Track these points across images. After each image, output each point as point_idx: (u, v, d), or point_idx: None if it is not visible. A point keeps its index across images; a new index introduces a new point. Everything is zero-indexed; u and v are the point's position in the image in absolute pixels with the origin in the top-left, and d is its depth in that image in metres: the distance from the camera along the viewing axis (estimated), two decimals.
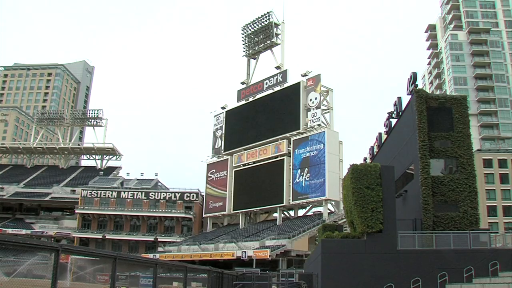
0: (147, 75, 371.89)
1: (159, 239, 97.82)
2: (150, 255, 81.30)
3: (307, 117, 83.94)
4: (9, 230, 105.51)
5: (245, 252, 71.97)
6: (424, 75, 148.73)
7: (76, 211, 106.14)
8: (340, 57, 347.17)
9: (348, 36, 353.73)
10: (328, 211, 79.04)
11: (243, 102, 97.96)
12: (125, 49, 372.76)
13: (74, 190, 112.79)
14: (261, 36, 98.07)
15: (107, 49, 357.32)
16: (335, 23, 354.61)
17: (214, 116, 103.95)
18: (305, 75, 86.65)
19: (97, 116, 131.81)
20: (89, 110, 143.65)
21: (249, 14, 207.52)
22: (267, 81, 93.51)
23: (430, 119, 36.54)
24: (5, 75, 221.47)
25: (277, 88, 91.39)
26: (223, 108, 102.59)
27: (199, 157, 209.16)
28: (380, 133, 49.44)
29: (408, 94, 39.05)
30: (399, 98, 42.06)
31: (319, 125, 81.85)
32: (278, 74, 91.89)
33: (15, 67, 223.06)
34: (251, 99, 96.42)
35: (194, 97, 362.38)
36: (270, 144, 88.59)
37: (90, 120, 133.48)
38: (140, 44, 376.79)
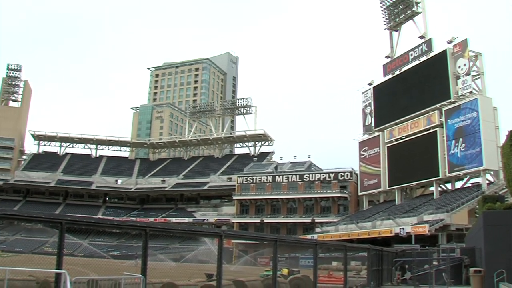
0: (289, 59, 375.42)
1: (316, 220, 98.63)
2: (308, 236, 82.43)
3: (457, 85, 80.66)
4: (173, 220, 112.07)
5: (403, 228, 70.88)
6: None
7: (234, 198, 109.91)
8: (485, 18, 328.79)
9: None
10: (487, 182, 75.59)
11: (390, 76, 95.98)
12: (265, 35, 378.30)
13: (230, 178, 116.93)
14: (400, 7, 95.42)
15: (248, 38, 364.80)
16: None
17: (362, 93, 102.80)
18: (450, 41, 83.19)
19: (246, 104, 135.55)
20: (238, 99, 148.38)
21: None
22: (412, 52, 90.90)
23: None
24: (157, 75, 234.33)
25: (423, 59, 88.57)
26: (370, 84, 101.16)
27: (350, 135, 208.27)
28: None
29: None
30: None
31: (470, 92, 78.30)
32: (423, 44, 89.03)
33: (164, 67, 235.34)
34: (397, 72, 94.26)
35: (339, 75, 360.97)
36: (421, 117, 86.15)
37: (239, 109, 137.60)
38: (279, 29, 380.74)
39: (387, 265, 33.00)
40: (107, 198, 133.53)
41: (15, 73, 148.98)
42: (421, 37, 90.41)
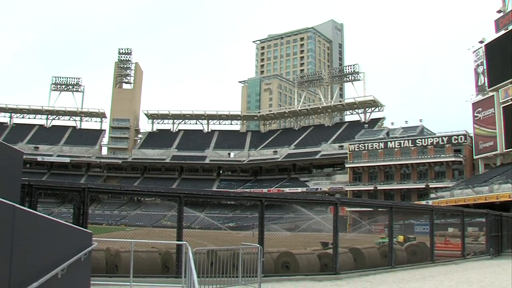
0: (394, 21, 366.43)
1: (430, 186, 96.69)
2: (423, 202, 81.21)
3: None
4: (286, 190, 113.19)
5: None
6: None
7: (346, 166, 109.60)
8: None
9: None
10: None
11: (503, 32, 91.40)
12: None
13: (342, 146, 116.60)
14: None
15: (351, 3, 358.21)
16: None
17: (473, 52, 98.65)
18: None
19: (353, 71, 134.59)
20: (345, 66, 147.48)
21: None
22: None
23: None
24: (262, 48, 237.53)
25: None
26: (481, 42, 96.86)
27: (462, 96, 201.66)
28: None
29: None
30: None
31: None
32: None
33: (269, 39, 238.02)
34: (510, 27, 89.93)
35: (448, 35, 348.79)
36: None
37: (347, 76, 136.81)
38: None
39: (507, 231, 32.37)
40: (220, 171, 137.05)
41: (126, 57, 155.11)
42: None
